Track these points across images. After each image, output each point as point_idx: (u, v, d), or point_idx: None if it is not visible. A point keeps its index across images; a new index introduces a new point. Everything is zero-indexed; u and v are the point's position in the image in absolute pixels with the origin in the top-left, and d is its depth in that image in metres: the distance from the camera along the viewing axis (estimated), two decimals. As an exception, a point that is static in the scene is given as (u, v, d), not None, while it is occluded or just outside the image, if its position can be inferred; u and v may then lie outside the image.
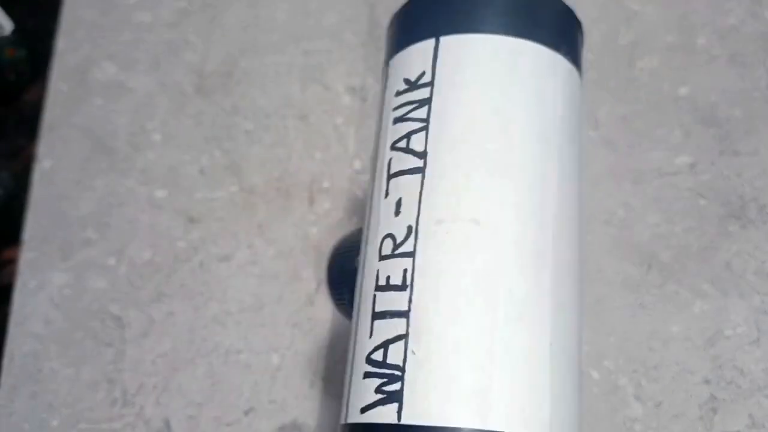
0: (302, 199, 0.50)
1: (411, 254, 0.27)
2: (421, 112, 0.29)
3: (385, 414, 0.25)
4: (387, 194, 0.29)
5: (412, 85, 0.30)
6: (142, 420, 0.44)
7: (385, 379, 0.26)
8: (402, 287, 0.27)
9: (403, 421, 0.25)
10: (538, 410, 0.25)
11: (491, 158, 0.27)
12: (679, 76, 0.52)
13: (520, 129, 0.28)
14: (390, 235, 0.28)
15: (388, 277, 0.27)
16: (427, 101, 0.29)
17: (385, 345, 0.26)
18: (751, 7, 0.54)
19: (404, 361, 0.26)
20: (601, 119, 0.51)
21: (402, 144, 0.29)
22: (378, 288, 0.28)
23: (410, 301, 0.26)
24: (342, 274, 0.37)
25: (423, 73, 0.29)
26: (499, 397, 0.24)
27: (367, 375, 0.27)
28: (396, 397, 0.25)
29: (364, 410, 0.26)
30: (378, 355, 0.26)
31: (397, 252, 0.27)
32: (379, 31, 0.55)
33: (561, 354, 0.26)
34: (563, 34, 0.30)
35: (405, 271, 0.27)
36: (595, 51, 0.53)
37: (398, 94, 0.30)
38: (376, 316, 0.27)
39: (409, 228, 0.27)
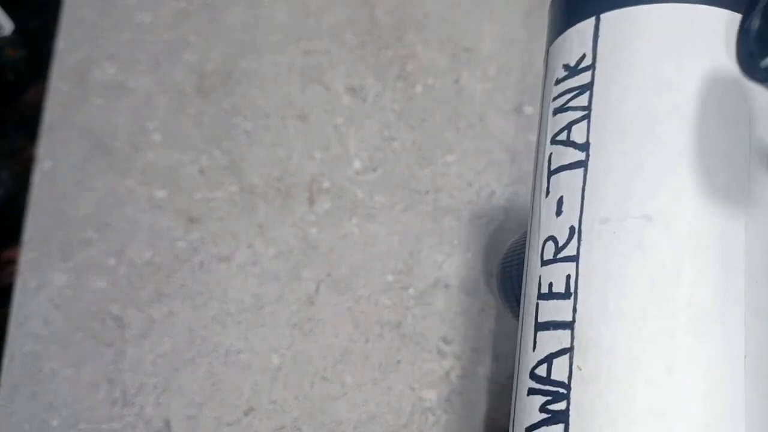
0: (302, 199, 0.50)
1: (574, 258, 0.24)
2: (582, 99, 0.26)
3: None
4: (548, 193, 0.26)
5: (572, 71, 0.27)
6: (142, 420, 0.44)
7: (549, 397, 0.23)
8: (565, 295, 0.24)
9: None
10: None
11: (663, 143, 0.24)
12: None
13: (697, 106, 0.24)
14: (551, 238, 0.25)
15: (550, 284, 0.25)
16: (588, 86, 0.26)
17: (548, 359, 0.24)
18: (751, 7, 0.54)
19: (569, 377, 0.23)
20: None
21: (562, 136, 0.26)
22: (540, 296, 0.25)
23: (574, 310, 0.24)
24: (510, 280, 0.35)
25: (583, 56, 0.26)
26: (682, 419, 0.21)
27: (531, 391, 0.24)
28: (561, 417, 0.23)
29: (528, 430, 0.24)
30: (542, 370, 0.24)
31: (559, 256, 0.25)
32: (379, 31, 0.55)
33: (759, 369, 0.23)
34: None
35: (568, 277, 0.24)
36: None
37: (557, 82, 0.27)
38: (539, 326, 0.25)
39: (572, 229, 0.25)
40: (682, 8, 0.25)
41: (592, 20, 0.27)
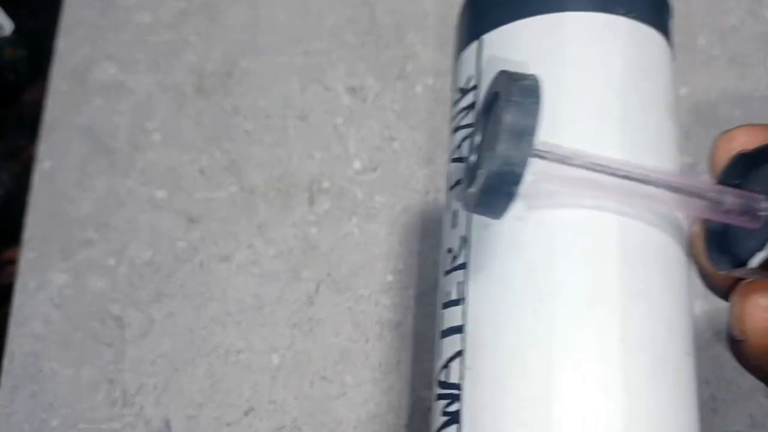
0: (302, 199, 0.50)
1: (465, 265, 0.26)
2: (469, 117, 0.28)
3: None
4: (448, 208, 0.28)
5: (463, 92, 0.29)
6: (142, 420, 0.44)
7: (448, 400, 0.25)
8: (458, 301, 0.25)
9: None
10: (609, 416, 0.22)
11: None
12: (678, 76, 0.52)
13: (567, 109, 0.26)
14: (449, 249, 0.27)
15: (448, 293, 0.26)
16: (472, 105, 0.28)
17: (447, 364, 0.25)
18: (751, 7, 0.54)
19: (461, 377, 0.24)
20: (601, 119, 0.51)
21: (457, 154, 0.28)
22: (442, 306, 0.27)
23: (464, 313, 0.25)
24: None
25: (470, 78, 0.28)
26: (559, 404, 0.22)
27: (437, 397, 0.26)
28: (456, 417, 0.24)
29: None
30: (443, 376, 0.25)
31: (454, 265, 0.26)
32: (379, 31, 0.55)
33: (639, 351, 0.23)
34: None
35: (459, 283, 0.26)
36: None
37: (454, 104, 0.30)
38: (442, 335, 0.26)
39: (462, 238, 0.26)
40: (550, 18, 0.27)
41: (475, 43, 0.29)
